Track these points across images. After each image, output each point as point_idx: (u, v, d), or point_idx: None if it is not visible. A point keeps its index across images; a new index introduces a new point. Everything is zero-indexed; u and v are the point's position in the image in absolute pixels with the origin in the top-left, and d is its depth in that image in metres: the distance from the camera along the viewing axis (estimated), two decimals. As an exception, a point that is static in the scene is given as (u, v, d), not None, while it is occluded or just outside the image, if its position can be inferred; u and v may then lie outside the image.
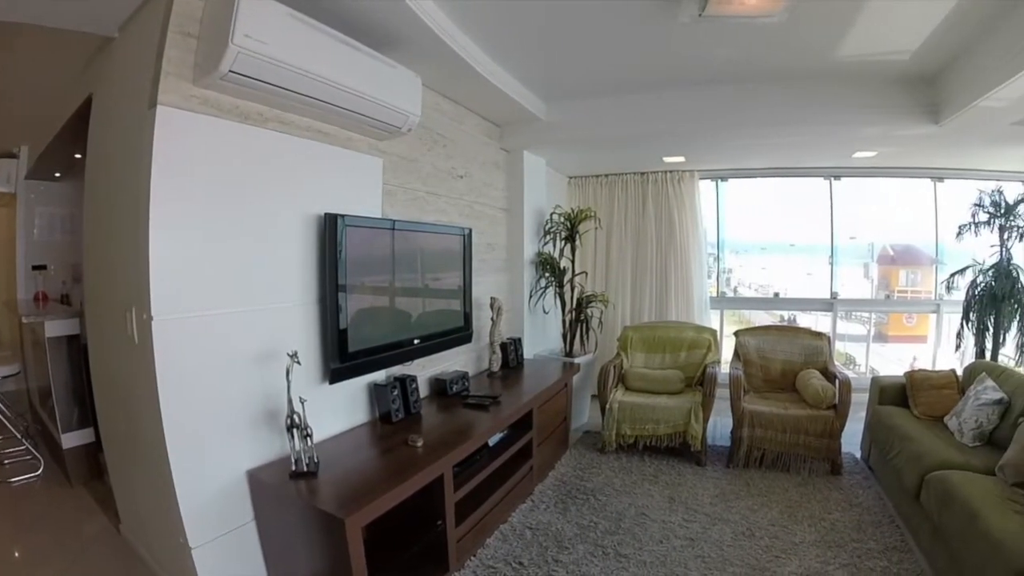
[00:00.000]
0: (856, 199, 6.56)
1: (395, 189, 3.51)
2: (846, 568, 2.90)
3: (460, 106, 4.31)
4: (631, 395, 4.66)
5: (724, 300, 6.96)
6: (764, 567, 2.92)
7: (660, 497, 3.77)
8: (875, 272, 7.24)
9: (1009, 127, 4.28)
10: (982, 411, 3.47)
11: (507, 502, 3.47)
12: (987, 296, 4.96)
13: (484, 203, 4.68)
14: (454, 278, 3.91)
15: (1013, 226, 4.88)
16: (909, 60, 3.88)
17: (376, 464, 2.69)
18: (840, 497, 3.75)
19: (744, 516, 3.49)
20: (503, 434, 3.64)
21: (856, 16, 3.26)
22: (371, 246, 3.11)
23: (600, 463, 4.32)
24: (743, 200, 6.96)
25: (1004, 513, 2.52)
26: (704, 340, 5.17)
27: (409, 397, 3.29)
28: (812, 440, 4.10)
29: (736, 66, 4.11)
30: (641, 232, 6.42)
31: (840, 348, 6.96)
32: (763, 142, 5.18)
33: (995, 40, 3.35)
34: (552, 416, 4.30)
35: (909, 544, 3.14)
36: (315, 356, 2.78)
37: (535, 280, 5.34)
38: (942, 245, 6.38)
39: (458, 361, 4.18)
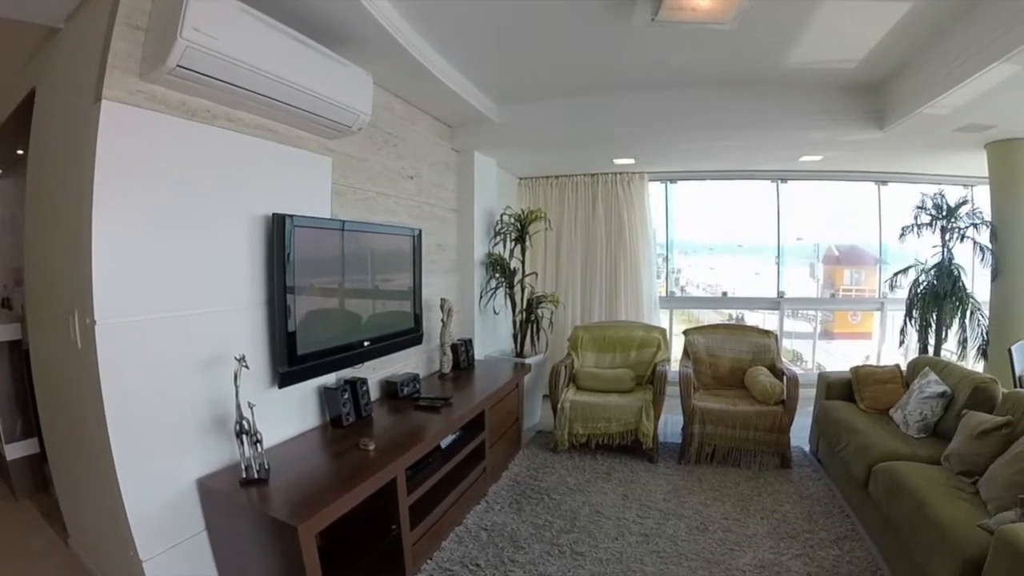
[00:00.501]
0: (802, 201, 6.80)
1: (344, 189, 3.46)
2: (799, 558, 2.99)
3: (412, 106, 4.28)
4: (582, 394, 4.71)
5: (673, 300, 7.12)
6: (719, 560, 2.99)
7: (614, 494, 3.81)
8: (821, 272, 7.55)
9: (951, 133, 4.53)
10: (926, 404, 3.64)
11: (461, 504, 3.45)
12: (929, 294, 5.19)
13: (434, 204, 4.65)
14: (404, 279, 3.87)
15: (954, 228, 5.11)
16: (856, 68, 4.05)
17: (328, 469, 2.64)
18: (791, 489, 3.87)
19: (697, 511, 3.57)
20: (456, 436, 3.61)
21: (805, 25, 3.39)
22: (320, 247, 3.04)
23: (553, 462, 4.35)
24: (692, 202, 7.13)
25: (951, 501, 2.64)
26: (654, 339, 5.26)
27: (360, 400, 3.24)
28: (761, 435, 4.23)
29: (687, 71, 4.20)
30: (591, 233, 6.49)
31: (787, 345, 7.21)
32: (713, 145, 5.31)
33: (939, 51, 3.53)
34: (504, 417, 4.31)
35: (860, 533, 3.26)
36: (264, 360, 2.70)
37: (485, 281, 5.34)
38: (886, 245, 6.68)
39: (409, 363, 4.15)
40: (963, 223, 5.07)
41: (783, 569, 2.89)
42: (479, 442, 3.77)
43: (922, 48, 3.66)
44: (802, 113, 4.49)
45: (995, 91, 3.50)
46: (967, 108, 3.87)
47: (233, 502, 2.27)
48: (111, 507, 2.14)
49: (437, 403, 3.57)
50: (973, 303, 5.05)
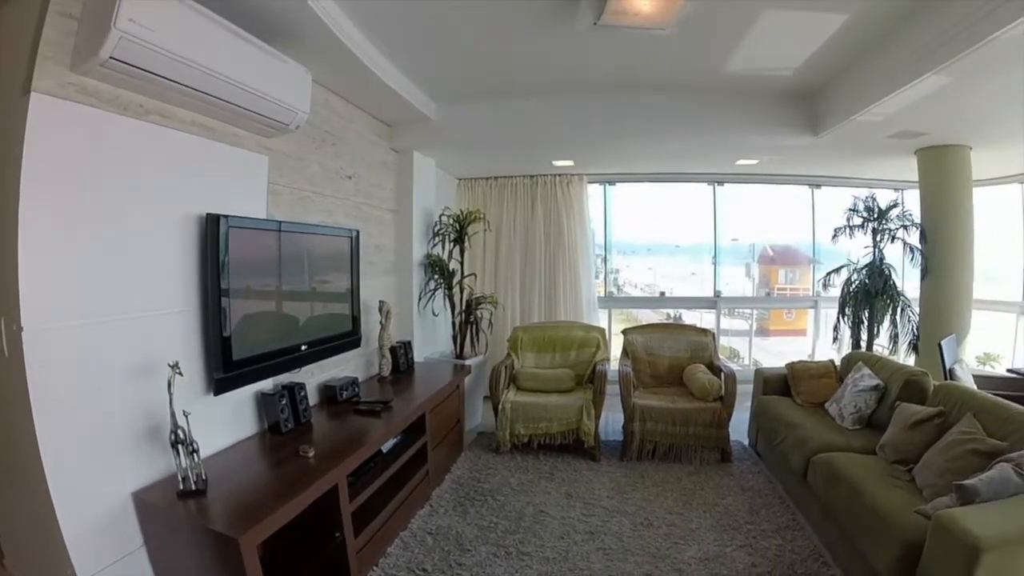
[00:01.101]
0: (738, 203, 7.06)
1: (281, 189, 3.36)
2: (743, 549, 3.10)
3: (351, 104, 4.20)
4: (523, 395, 4.74)
5: (612, 300, 7.27)
6: (664, 555, 3.06)
7: (558, 494, 3.85)
8: (756, 271, 7.86)
9: (884, 140, 4.81)
10: (860, 397, 3.84)
11: (405, 508, 3.41)
12: (861, 292, 5.46)
13: (372, 204, 4.57)
14: (342, 281, 3.79)
15: (885, 229, 5.39)
16: (792, 76, 4.24)
17: (268, 477, 2.56)
18: (732, 483, 4.01)
19: (641, 507, 3.64)
20: (397, 439, 3.57)
21: (744, 34, 3.52)
22: (256, 248, 2.94)
23: (496, 463, 4.36)
24: (631, 203, 7.28)
25: (887, 488, 2.80)
26: (593, 339, 5.35)
27: (298, 406, 3.15)
28: (701, 431, 4.36)
29: (629, 74, 4.30)
30: (530, 234, 6.55)
31: (724, 343, 7.49)
32: (652, 149, 5.46)
33: (873, 61, 3.73)
34: (445, 419, 4.29)
35: (800, 522, 3.41)
36: (199, 366, 2.58)
37: (424, 282, 5.29)
38: (819, 246, 7.02)
39: (348, 366, 4.06)
40: (894, 225, 5.36)
41: (728, 560, 2.99)
42: (421, 445, 3.73)
43: (857, 58, 3.86)
44: (740, 118, 4.69)
45: (926, 100, 3.73)
46: (899, 116, 4.13)
47: (171, 515, 2.16)
48: (45, 524, 2.00)
49: (377, 407, 3.51)
50: (904, 300, 5.37)
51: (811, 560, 2.98)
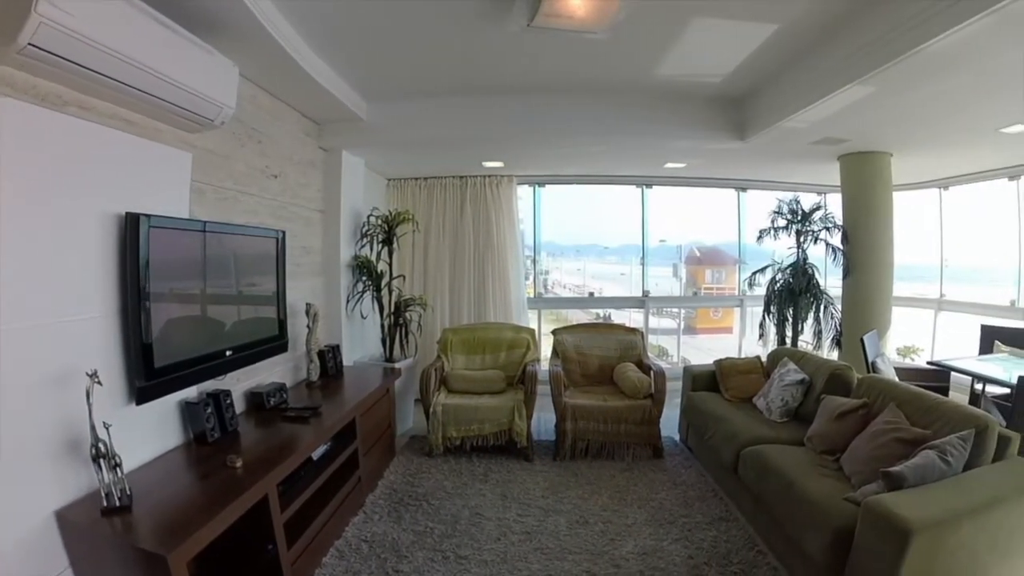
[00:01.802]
0: (666, 205, 7.26)
1: (204, 187, 3.20)
2: (679, 542, 3.20)
3: (279, 100, 4.06)
4: (454, 397, 4.71)
5: (541, 300, 7.34)
6: (602, 551, 3.11)
7: (492, 495, 3.85)
8: (684, 272, 8.13)
9: (808, 145, 5.06)
10: (787, 391, 4.03)
11: (339, 517, 3.33)
12: (786, 291, 5.74)
13: (299, 204, 4.43)
14: (268, 284, 3.64)
15: (808, 230, 5.69)
16: (722, 82, 4.41)
17: (195, 490, 2.44)
18: (665, 478, 4.12)
19: (576, 505, 3.69)
20: (327, 446, 3.47)
21: (676, 40, 3.63)
22: (179, 250, 2.78)
23: (429, 467, 4.31)
24: (560, 205, 7.38)
25: (816, 478, 2.94)
26: (523, 340, 5.38)
27: (224, 414, 3.02)
28: (633, 428, 4.46)
29: (560, 77, 4.35)
30: (459, 235, 6.51)
31: (653, 341, 7.69)
32: (583, 151, 5.52)
33: (800, 70, 3.92)
34: (376, 423, 4.21)
35: (734, 513, 3.54)
36: (119, 374, 2.43)
37: (352, 284, 5.18)
38: (745, 246, 7.31)
39: (275, 372, 3.92)
40: (817, 226, 5.67)
41: (665, 554, 3.08)
42: (352, 451, 3.65)
43: (784, 67, 4.04)
44: (669, 123, 4.83)
45: (850, 109, 3.95)
46: (824, 123, 4.36)
47: (96, 534, 2.02)
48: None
49: (306, 413, 3.42)
50: (827, 298, 5.68)
51: (746, 549, 3.11)
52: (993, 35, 2.69)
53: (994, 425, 2.71)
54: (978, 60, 3.05)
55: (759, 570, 2.92)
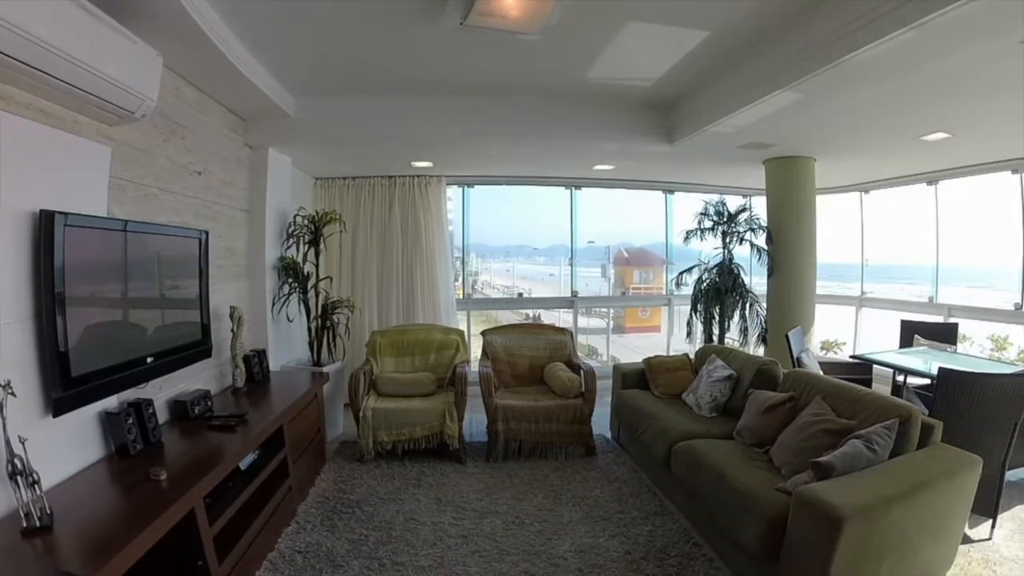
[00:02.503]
0: (595, 207, 7.41)
1: (124, 184, 3.01)
2: (615, 538, 3.27)
3: (204, 94, 3.87)
4: (384, 401, 4.64)
5: (470, 301, 7.34)
6: (539, 551, 3.14)
7: (427, 499, 3.81)
8: (612, 272, 8.30)
9: (735, 149, 5.27)
10: (715, 386, 4.19)
11: (271, 528, 3.21)
12: (712, 290, 5.95)
13: (223, 203, 4.24)
14: (190, 287, 3.48)
15: (734, 231, 5.92)
16: (652, 86, 4.53)
17: (119, 506, 2.30)
18: (598, 475, 4.20)
19: (511, 506, 3.71)
20: (255, 455, 3.35)
21: (607, 44, 3.71)
22: (97, 250, 2.62)
23: (361, 473, 4.23)
24: (489, 205, 7.40)
25: (747, 470, 3.07)
26: (452, 341, 5.37)
27: (147, 424, 2.85)
28: (564, 427, 4.53)
29: (492, 77, 4.37)
30: (388, 236, 6.42)
31: (583, 341, 7.83)
32: (512, 151, 5.56)
33: (729, 76, 4.07)
34: (305, 430, 4.09)
35: (668, 508, 3.64)
36: (35, 384, 2.24)
37: (278, 287, 5.00)
38: (672, 247, 7.54)
39: (199, 379, 3.73)
40: (742, 228, 5.90)
41: (602, 550, 3.14)
42: (281, 459, 3.53)
43: (714, 72, 4.19)
44: (599, 125, 4.94)
45: (776, 115, 4.15)
46: (750, 128, 4.56)
47: (16, 557, 1.85)
48: None
49: (232, 421, 3.27)
50: (752, 297, 5.93)
51: (682, 542, 3.21)
52: (916, 48, 2.87)
53: (917, 414, 2.89)
54: (901, 71, 3.25)
55: (696, 562, 3.02)
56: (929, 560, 2.70)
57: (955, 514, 2.75)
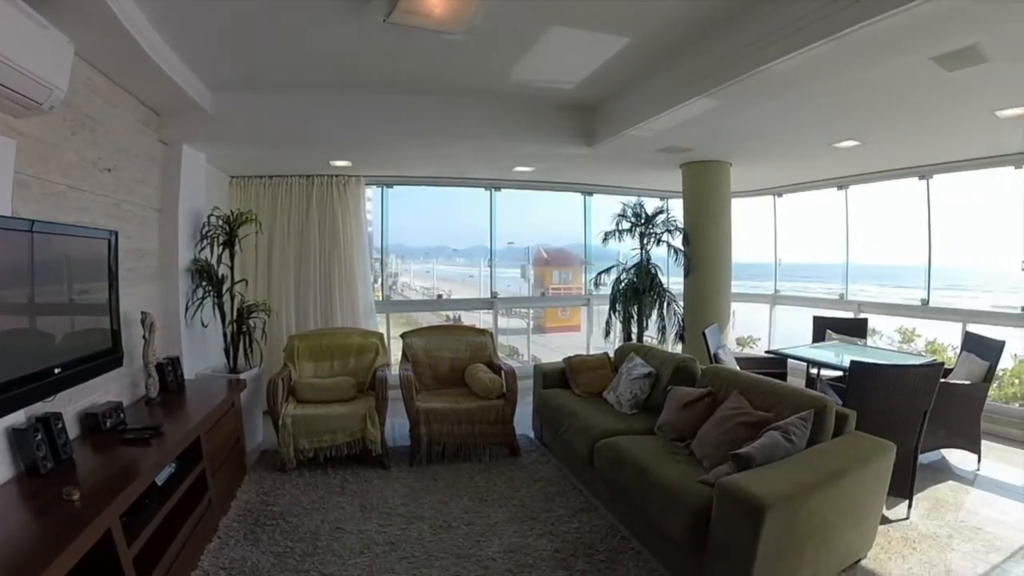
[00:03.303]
0: (514, 208, 7.49)
1: (30, 180, 2.79)
2: (544, 536, 3.33)
3: (117, 85, 3.64)
4: (304, 407, 4.52)
5: (390, 303, 7.24)
6: (468, 554, 3.15)
7: (351, 507, 3.75)
8: (531, 273, 8.40)
9: (653, 153, 5.45)
10: (635, 384, 4.32)
11: (192, 545, 3.06)
12: (631, 290, 6.12)
13: (135, 202, 3.99)
14: (100, 291, 3.26)
15: (651, 233, 6.12)
16: (573, 90, 4.64)
17: (31, 530, 2.13)
18: (523, 475, 4.25)
19: (438, 510, 3.70)
20: (172, 469, 3.18)
21: (531, 47, 3.77)
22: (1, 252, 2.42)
23: (284, 483, 4.10)
24: (408, 206, 7.32)
25: (670, 464, 3.18)
26: (372, 344, 5.30)
27: (57, 440, 2.64)
28: (487, 428, 4.56)
29: (415, 77, 4.36)
30: (305, 237, 6.26)
31: (504, 341, 7.88)
32: (432, 152, 5.55)
33: (649, 82, 4.20)
34: (223, 440, 3.92)
35: (594, 504, 3.73)
36: (-64, 402, 2.05)
37: (191, 290, 4.75)
38: (591, 247, 7.69)
39: (110, 390, 3.49)
40: (659, 229, 6.13)
41: (531, 550, 3.19)
42: (199, 472, 3.37)
43: (635, 77, 4.32)
44: (520, 127, 5.02)
45: (694, 121, 4.31)
46: (669, 133, 4.72)
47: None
48: None
49: (146, 434, 3.10)
50: (669, 296, 6.16)
51: (610, 537, 3.31)
52: (831, 60, 3.05)
53: (831, 405, 3.09)
54: (817, 81, 3.45)
55: (624, 556, 3.12)
56: (851, 542, 2.92)
57: (873, 497, 2.97)
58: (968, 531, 3.40)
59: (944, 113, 4.13)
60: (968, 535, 3.35)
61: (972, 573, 2.98)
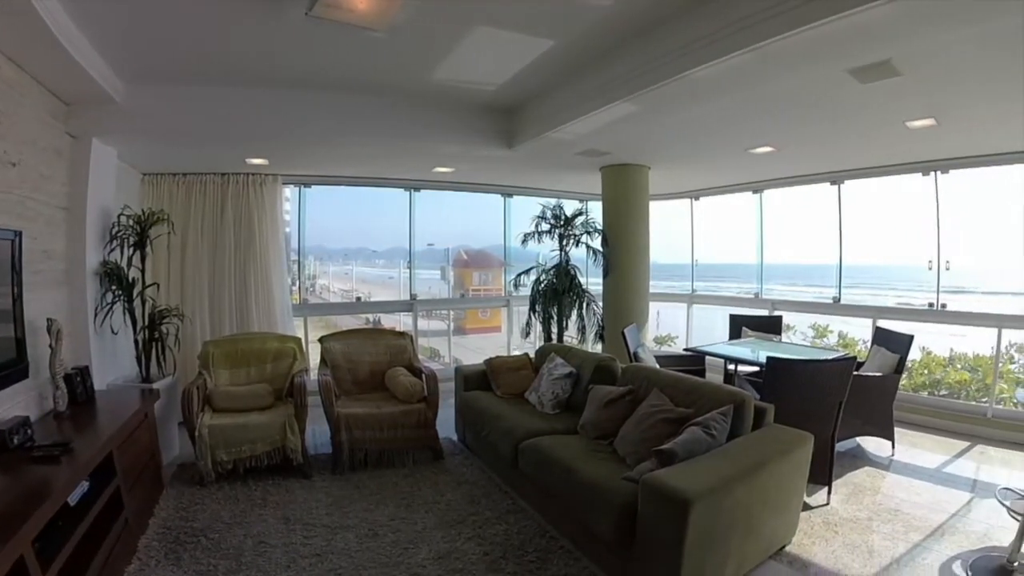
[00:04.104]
0: (434, 209, 7.44)
1: (-71, 176, 2.55)
2: (472, 540, 3.34)
3: (25, 73, 3.38)
4: (220, 417, 4.35)
5: (307, 307, 7.04)
6: (397, 562, 3.13)
7: (275, 520, 3.64)
8: (452, 274, 8.36)
9: (573, 156, 5.55)
10: (557, 384, 4.39)
11: (111, 568, 2.88)
12: (550, 290, 6.21)
13: (40, 200, 3.69)
14: (2, 296, 3.04)
15: (571, 234, 6.23)
16: (496, 91, 4.68)
17: (-61, 567, 1.97)
18: (448, 479, 4.26)
19: (363, 518, 3.64)
20: (86, 488, 2.99)
21: (455, 46, 3.79)
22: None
23: (203, 497, 3.92)
24: (327, 206, 7.16)
25: (594, 462, 3.25)
26: (289, 349, 5.17)
27: (-40, 461, 2.45)
28: (410, 432, 4.53)
29: (336, 73, 4.32)
30: (219, 238, 5.99)
31: (424, 343, 7.80)
32: (351, 151, 5.47)
33: (572, 86, 4.29)
34: (138, 454, 3.71)
35: (521, 505, 3.77)
36: None
37: (100, 295, 4.45)
38: (511, 249, 7.76)
39: (16, 404, 3.21)
40: (579, 231, 6.25)
41: (460, 554, 3.20)
42: (114, 489, 3.18)
43: (557, 81, 4.40)
44: (442, 127, 5.02)
45: (614, 124, 4.42)
46: (588, 136, 4.84)
47: None
48: None
49: (56, 451, 2.89)
50: (589, 296, 6.30)
51: (539, 537, 3.36)
52: (750, 69, 3.20)
53: (749, 400, 3.24)
54: (736, 89, 3.60)
55: (554, 555, 3.17)
56: (775, 530, 3.09)
57: (793, 486, 3.15)
58: (886, 513, 3.69)
59: (857, 122, 4.40)
60: (887, 517, 3.63)
61: (893, 552, 3.22)
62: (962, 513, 3.72)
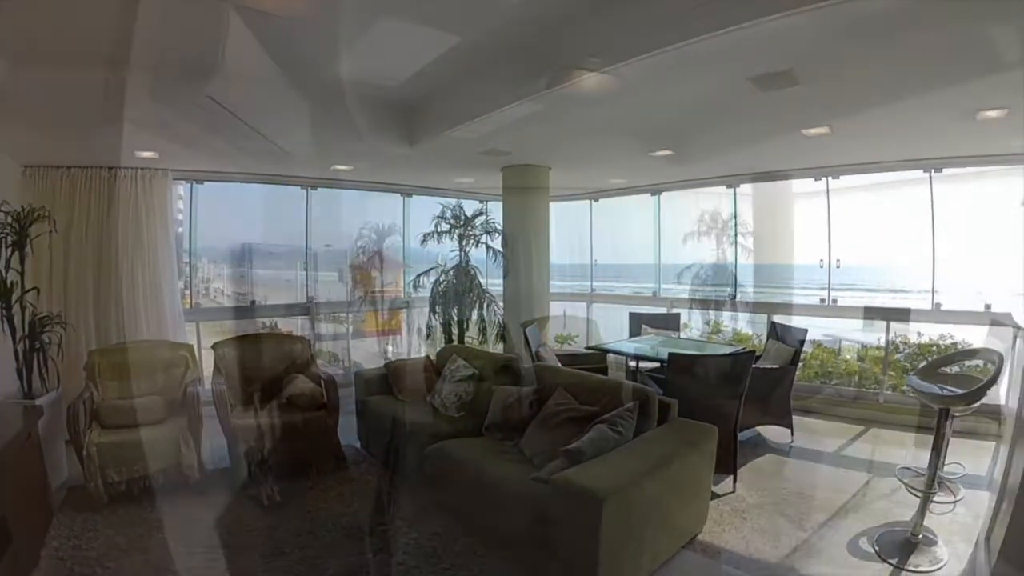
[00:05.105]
0: (333, 209, 7.34)
1: None
2: (383, 551, 3.35)
3: None
4: (110, 433, 4.12)
5: (200, 311, 6.75)
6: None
7: (174, 543, 3.47)
8: (350, 276, 8.20)
9: (474, 155, 5.60)
10: (459, 386, 4.42)
11: (5, 611, 2.72)
12: (451, 291, 6.25)
13: (-89, 199, 3.34)
14: None
15: (471, 234, 6.31)
16: (398, 87, 4.58)
17: None
18: (354, 488, 4.22)
19: (268, 536, 3.57)
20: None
21: (358, 37, 3.70)
22: None
23: (97, 523, 3.70)
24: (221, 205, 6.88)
25: (501, 464, 3.31)
26: (181, 358, 4.98)
27: None
28: (311, 442, 4.45)
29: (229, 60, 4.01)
30: (106, 238, 5.61)
31: (324, 348, 7.59)
32: (245, 145, 5.27)
33: (474, 84, 4.30)
34: (22, 479, 3.43)
35: (431, 511, 3.74)
36: None
37: (-26, 302, 4.05)
38: (411, 249, 7.72)
39: None
40: (479, 231, 6.35)
41: (372, 566, 3.22)
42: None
43: (460, 78, 4.37)
44: (341, 123, 4.89)
45: (516, 124, 4.46)
46: (491, 135, 4.88)
47: None
48: None
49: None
50: (489, 296, 6.40)
51: (452, 542, 3.37)
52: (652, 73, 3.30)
53: (653, 396, 3.37)
54: (637, 92, 3.70)
55: (468, 559, 3.19)
56: (686, 520, 3.25)
57: (701, 477, 3.33)
58: (791, 497, 3.97)
59: (755, 129, 4.69)
60: (792, 500, 3.91)
61: (801, 533, 3.47)
62: (862, 492, 4.02)
